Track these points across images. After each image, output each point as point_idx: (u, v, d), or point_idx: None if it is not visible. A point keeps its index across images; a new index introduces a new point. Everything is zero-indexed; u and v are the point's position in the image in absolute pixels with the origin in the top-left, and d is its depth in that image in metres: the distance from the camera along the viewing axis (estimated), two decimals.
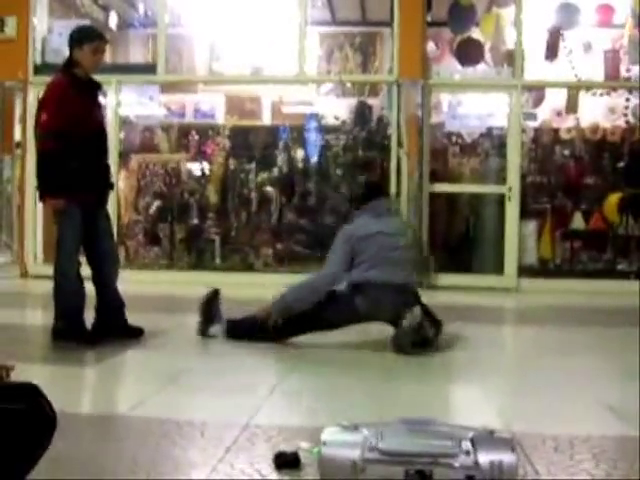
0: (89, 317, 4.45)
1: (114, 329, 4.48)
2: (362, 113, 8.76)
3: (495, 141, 8.71)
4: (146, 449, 2.46)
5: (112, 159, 7.91)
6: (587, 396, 3.38)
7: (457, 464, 1.95)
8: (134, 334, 4.53)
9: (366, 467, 1.94)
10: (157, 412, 2.97)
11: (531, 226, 8.49)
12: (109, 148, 4.87)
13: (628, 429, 2.85)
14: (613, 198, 8.69)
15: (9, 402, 1.79)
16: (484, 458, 1.95)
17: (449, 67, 8.87)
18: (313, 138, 8.93)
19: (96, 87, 4.62)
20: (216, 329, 4.58)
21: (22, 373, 2.06)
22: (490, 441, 2.01)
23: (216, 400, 3.19)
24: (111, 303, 4.51)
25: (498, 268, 8.01)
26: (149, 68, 8.58)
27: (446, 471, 1.94)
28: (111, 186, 4.70)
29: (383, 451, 1.95)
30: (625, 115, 9.02)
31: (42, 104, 4.43)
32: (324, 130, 8.98)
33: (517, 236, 7.98)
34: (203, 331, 4.63)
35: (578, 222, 8.79)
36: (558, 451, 2.52)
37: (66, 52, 4.59)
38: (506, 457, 1.98)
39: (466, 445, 1.97)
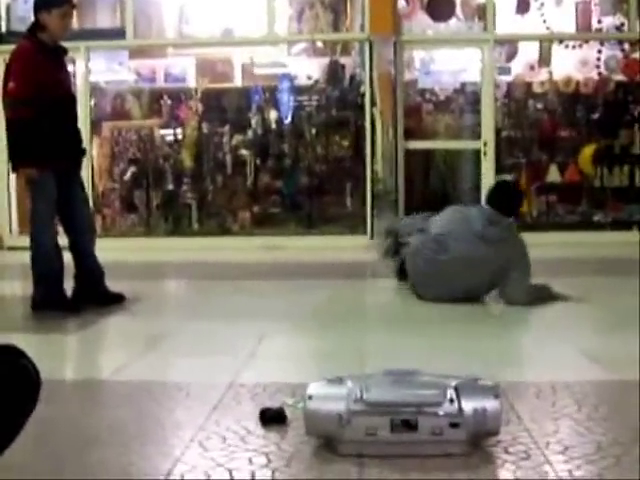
0: (68, 286, 4.42)
1: (95, 296, 4.46)
2: (334, 72, 8.70)
3: (469, 97, 8.70)
4: (132, 412, 2.47)
5: (84, 127, 7.84)
6: (567, 344, 3.43)
7: (441, 412, 1.97)
8: (115, 300, 4.52)
9: (351, 419, 1.96)
10: (141, 375, 2.97)
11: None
12: (80, 115, 4.80)
13: (608, 374, 2.90)
14: (587, 150, 8.75)
15: None
16: (468, 405, 1.97)
17: (421, 23, 8.79)
18: (286, 99, 8.85)
19: (62, 52, 4.53)
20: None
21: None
22: (474, 389, 2.03)
23: (200, 362, 3.20)
24: (90, 271, 4.48)
25: None
26: (118, 33, 8.44)
27: (431, 419, 1.96)
28: (83, 152, 4.64)
29: (368, 402, 1.97)
30: (597, 67, 9.03)
31: (9, 72, 4.34)
32: (297, 90, 8.91)
33: None
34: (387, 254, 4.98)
35: (553, 175, 8.84)
36: (540, 398, 2.56)
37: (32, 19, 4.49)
38: (489, 404, 2.00)
39: (450, 393, 1.99)
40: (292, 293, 5.07)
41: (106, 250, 4.90)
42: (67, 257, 4.43)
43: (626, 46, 9.01)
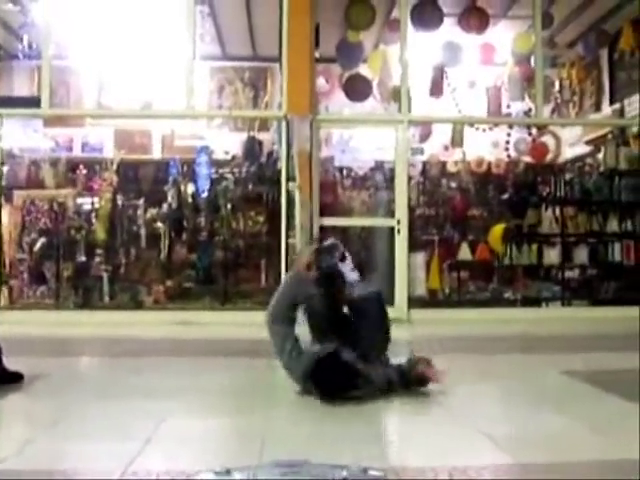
0: None
1: None
2: (252, 148, 8.80)
3: (384, 175, 8.91)
4: None
5: None
6: (468, 425, 3.43)
7: None
8: (12, 380, 4.32)
9: None
10: (30, 463, 2.82)
11: (420, 258, 8.69)
12: None
13: (505, 457, 2.91)
14: (497, 229, 9.02)
15: None
16: None
17: (338, 102, 9.04)
18: (203, 172, 8.89)
19: None
20: None
21: None
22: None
23: (94, 448, 3.06)
24: None
25: (389, 300, 8.09)
26: (33, 101, 8.35)
27: None
28: None
29: None
30: (507, 149, 9.43)
31: None
32: (214, 164, 8.96)
33: (406, 268, 8.13)
34: None
35: (465, 253, 9.05)
36: None
37: None
38: None
39: None
40: (200, 372, 4.96)
41: (12, 323, 4.74)
42: None
43: (534, 130, 9.45)
